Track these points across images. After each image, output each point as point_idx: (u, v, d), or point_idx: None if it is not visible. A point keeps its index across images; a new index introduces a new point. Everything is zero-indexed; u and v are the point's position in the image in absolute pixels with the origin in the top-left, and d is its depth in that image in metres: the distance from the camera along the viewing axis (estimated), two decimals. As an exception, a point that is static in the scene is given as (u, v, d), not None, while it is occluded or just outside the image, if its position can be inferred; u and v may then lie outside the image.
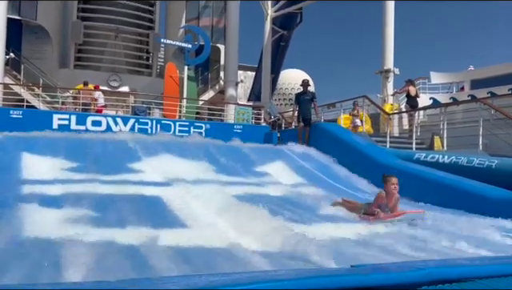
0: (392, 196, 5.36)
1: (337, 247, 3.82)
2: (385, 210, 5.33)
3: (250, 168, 8.88)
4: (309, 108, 11.23)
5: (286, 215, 5.42)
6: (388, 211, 5.33)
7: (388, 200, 5.36)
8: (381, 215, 5.19)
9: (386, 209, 5.35)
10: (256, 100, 19.29)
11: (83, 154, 8.17)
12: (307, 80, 11.90)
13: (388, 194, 5.36)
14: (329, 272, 2.37)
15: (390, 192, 5.35)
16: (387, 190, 5.38)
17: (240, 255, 3.54)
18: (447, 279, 2.12)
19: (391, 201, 5.37)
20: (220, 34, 21.16)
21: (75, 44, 19.89)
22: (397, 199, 5.42)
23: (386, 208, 5.35)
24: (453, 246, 4.10)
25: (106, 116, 12.34)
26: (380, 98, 16.08)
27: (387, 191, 5.37)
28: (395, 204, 5.40)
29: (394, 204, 5.39)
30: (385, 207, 5.35)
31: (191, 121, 13.56)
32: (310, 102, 11.24)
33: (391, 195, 5.36)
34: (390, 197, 5.36)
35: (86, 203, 5.37)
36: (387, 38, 16.24)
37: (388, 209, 5.35)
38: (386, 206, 5.36)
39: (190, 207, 5.45)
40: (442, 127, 10.04)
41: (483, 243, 4.30)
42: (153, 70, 21.34)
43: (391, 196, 5.36)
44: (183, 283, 1.84)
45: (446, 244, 4.16)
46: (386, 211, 5.33)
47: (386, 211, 5.32)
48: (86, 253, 3.39)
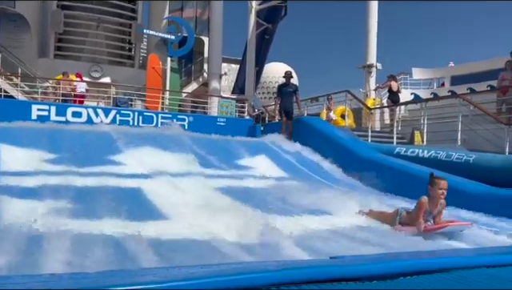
0: (437, 202, 4.51)
1: (317, 238, 3.86)
2: (427, 219, 4.51)
3: (233, 161, 8.88)
4: (291, 101, 11.06)
5: (268, 207, 5.44)
6: (431, 221, 4.53)
7: (432, 207, 4.49)
8: (421, 228, 4.32)
9: (429, 217, 4.52)
10: (240, 93, 19.22)
11: (63, 145, 8.04)
12: (290, 72, 11.73)
13: (433, 199, 4.48)
14: (308, 264, 2.40)
15: (435, 197, 4.47)
16: (433, 194, 4.48)
17: (220, 247, 3.55)
18: (422, 270, 2.16)
19: (435, 208, 4.51)
20: (204, 26, 20.98)
21: (55, 33, 19.45)
22: (442, 206, 4.59)
23: (428, 216, 4.52)
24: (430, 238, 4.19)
25: (87, 107, 12.15)
26: (363, 92, 16.23)
27: (433, 196, 4.48)
28: (440, 212, 4.57)
29: (439, 212, 4.56)
30: (428, 215, 4.52)
31: (174, 113, 13.46)
32: (293, 94, 11.07)
33: (436, 201, 4.49)
34: (435, 203, 4.50)
35: (66, 194, 5.30)
36: (370, 34, 16.37)
37: (431, 217, 4.54)
38: (429, 214, 4.52)
39: (171, 200, 5.43)
40: (423, 122, 10.20)
41: (459, 236, 4.41)
42: (135, 61, 21.06)
43: (436, 203, 4.50)
44: (162, 275, 1.83)
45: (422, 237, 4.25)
46: (429, 219, 4.52)
47: (429, 221, 4.51)
48: (64, 245, 3.35)
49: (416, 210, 4.51)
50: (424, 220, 4.41)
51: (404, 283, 2.02)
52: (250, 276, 1.85)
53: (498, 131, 8.57)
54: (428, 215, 4.50)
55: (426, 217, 4.48)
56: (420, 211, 4.43)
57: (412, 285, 1.99)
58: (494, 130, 8.69)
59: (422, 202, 4.43)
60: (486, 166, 7.03)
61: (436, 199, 4.47)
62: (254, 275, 1.86)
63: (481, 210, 5.91)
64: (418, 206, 4.48)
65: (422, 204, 4.42)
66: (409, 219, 4.56)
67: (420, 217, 4.39)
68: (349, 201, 6.04)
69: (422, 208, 4.42)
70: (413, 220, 4.48)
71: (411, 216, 4.54)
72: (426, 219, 4.46)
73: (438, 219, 4.54)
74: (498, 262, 2.48)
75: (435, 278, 2.11)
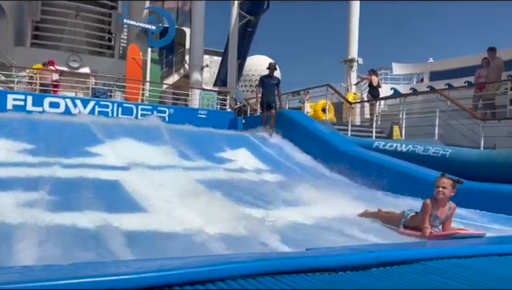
0: (443, 205, 4.07)
1: (295, 231, 3.90)
2: (435, 223, 4.09)
3: (213, 154, 8.85)
4: (273, 93, 10.95)
5: (247, 200, 5.46)
6: (439, 226, 4.11)
7: (438, 210, 4.07)
8: (427, 233, 3.91)
9: (436, 222, 4.09)
10: (222, 85, 19.12)
11: (40, 136, 7.88)
12: (274, 64, 11.54)
13: (436, 201, 4.07)
14: (283, 255, 2.42)
15: (437, 199, 4.07)
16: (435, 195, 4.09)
17: (198, 239, 3.55)
18: (395, 261, 2.21)
19: (442, 212, 4.07)
20: (185, 17, 20.75)
21: (32, 21, 18.97)
22: (451, 209, 4.11)
23: (435, 221, 4.08)
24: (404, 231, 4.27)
25: (65, 98, 11.92)
26: (344, 87, 16.35)
27: (436, 198, 4.08)
28: (449, 216, 4.11)
29: (448, 216, 4.11)
30: (435, 219, 4.08)
31: (154, 105, 13.33)
32: (275, 87, 10.95)
33: (440, 202, 4.06)
34: (441, 206, 4.07)
35: (42, 186, 5.21)
36: (352, 28, 16.48)
37: (439, 222, 4.10)
38: (436, 218, 4.08)
39: (150, 192, 5.39)
40: (401, 117, 10.36)
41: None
42: (115, 51, 20.72)
43: (441, 204, 4.07)
44: (136, 267, 1.82)
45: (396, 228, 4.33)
46: (436, 225, 4.10)
47: (436, 226, 4.10)
48: (39, 236, 3.30)
49: (420, 213, 4.14)
50: (430, 225, 4.02)
51: (376, 273, 2.06)
52: (225, 267, 1.85)
53: (473, 127, 8.78)
54: (435, 219, 4.07)
55: (433, 221, 4.06)
56: (424, 214, 4.04)
57: (384, 276, 2.03)
58: (470, 126, 8.90)
59: (426, 204, 4.06)
60: (461, 160, 7.20)
61: (438, 199, 4.05)
62: (229, 266, 1.87)
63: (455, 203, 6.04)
64: (422, 208, 4.11)
65: (426, 206, 4.05)
66: (414, 223, 4.20)
67: (425, 221, 4.00)
68: (328, 194, 6.11)
69: (425, 211, 4.04)
70: (418, 224, 4.10)
71: (416, 219, 4.17)
72: (432, 225, 4.05)
73: (448, 225, 4.10)
74: (469, 253, 2.56)
75: (406, 269, 2.16)
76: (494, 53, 10.59)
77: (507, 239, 3.49)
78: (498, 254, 2.59)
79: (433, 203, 4.05)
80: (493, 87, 10.32)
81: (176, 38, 18.77)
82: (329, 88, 12.76)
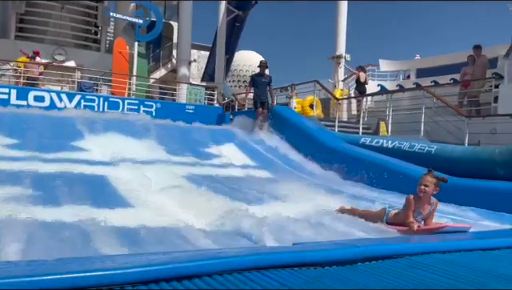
0: (425, 201, 4.12)
1: (282, 226, 3.91)
2: (417, 219, 4.10)
3: (201, 149, 8.83)
4: (266, 91, 10.73)
5: (235, 195, 5.46)
6: (421, 222, 4.13)
7: (421, 206, 4.11)
8: (414, 228, 3.91)
9: (418, 218, 4.11)
10: (210, 80, 19.02)
11: (24, 130, 7.76)
12: (266, 62, 11.30)
13: (419, 198, 4.11)
14: (270, 250, 2.43)
15: (419, 195, 4.10)
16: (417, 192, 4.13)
17: (185, 234, 3.54)
18: (380, 256, 2.24)
19: (425, 208, 4.12)
20: (173, 11, 20.55)
21: (16, 14, 18.60)
22: (433, 205, 4.18)
23: (418, 216, 4.12)
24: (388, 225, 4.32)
25: (50, 92, 11.74)
26: (331, 83, 16.40)
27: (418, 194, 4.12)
28: (431, 212, 4.16)
29: (430, 212, 4.15)
30: (418, 214, 4.12)
31: (141, 99, 13.20)
32: (267, 85, 10.75)
33: (423, 199, 4.10)
34: (423, 202, 4.11)
35: (26, 181, 5.15)
36: (340, 25, 16.51)
37: (421, 218, 4.14)
38: (419, 213, 4.12)
39: (137, 187, 5.36)
40: (388, 113, 10.44)
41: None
42: (101, 45, 20.43)
43: (423, 201, 4.11)
44: (122, 262, 1.82)
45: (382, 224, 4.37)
46: (419, 220, 4.11)
47: (419, 221, 4.10)
48: (23, 232, 3.25)
49: (404, 209, 4.18)
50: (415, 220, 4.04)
51: (362, 268, 2.08)
52: (212, 262, 1.86)
53: (458, 123, 8.89)
54: (417, 214, 4.11)
55: (416, 217, 4.09)
56: (408, 210, 4.08)
57: (370, 270, 2.05)
58: (456, 123, 9.01)
59: (409, 200, 4.10)
60: (446, 157, 7.29)
61: (421, 197, 4.08)
62: (216, 261, 1.88)
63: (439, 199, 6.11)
64: (406, 204, 4.16)
65: (409, 202, 4.09)
66: (397, 219, 4.22)
67: (409, 217, 4.04)
68: (315, 189, 6.15)
69: (409, 207, 4.08)
70: (401, 220, 4.13)
71: (399, 216, 4.21)
72: (416, 219, 4.07)
73: (430, 220, 4.15)
74: (453, 247, 2.60)
75: (392, 263, 2.18)
76: (480, 51, 10.73)
77: (490, 235, 3.56)
78: (481, 249, 2.64)
79: (416, 199, 4.10)
80: (478, 85, 10.47)
81: (163, 32, 18.59)
82: (316, 84, 12.79)
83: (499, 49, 11.61)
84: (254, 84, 10.80)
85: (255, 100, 10.74)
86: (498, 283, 1.91)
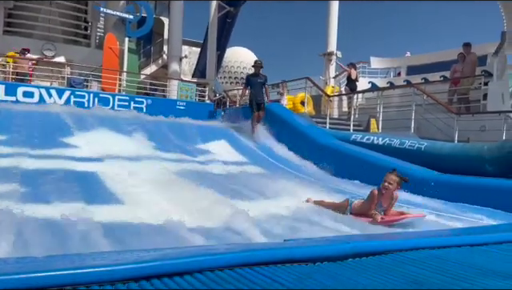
0: (386, 196, 4.55)
1: (273, 222, 3.92)
2: (378, 210, 4.53)
3: (192, 146, 8.81)
4: (262, 92, 10.45)
5: (226, 192, 5.46)
6: (381, 212, 4.54)
7: (383, 200, 4.54)
8: (378, 219, 4.35)
9: (379, 209, 4.54)
10: (201, 77, 18.94)
11: (12, 126, 7.68)
12: (261, 61, 10.88)
13: (382, 193, 4.52)
14: (262, 246, 2.43)
15: (382, 191, 4.53)
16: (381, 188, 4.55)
17: (176, 231, 3.54)
18: (370, 252, 2.25)
19: (386, 201, 4.56)
20: (164, 7, 20.41)
21: (5, 8, 18.33)
22: (394, 199, 4.62)
23: (379, 208, 4.54)
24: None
25: (39, 87, 11.62)
26: (322, 80, 16.43)
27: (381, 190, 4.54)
28: (390, 205, 4.61)
29: (389, 205, 4.60)
30: (379, 206, 4.55)
31: (131, 96, 13.12)
32: (263, 85, 10.46)
33: (385, 194, 4.54)
34: (386, 196, 4.54)
35: (14, 177, 5.09)
36: (331, 22, 16.53)
37: (382, 209, 4.56)
38: (380, 206, 4.55)
39: (127, 184, 5.33)
40: (379, 110, 10.50)
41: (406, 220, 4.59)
42: (91, 40, 20.22)
43: (386, 196, 4.54)
44: (113, 259, 1.80)
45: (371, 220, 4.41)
46: (379, 211, 4.54)
47: (380, 212, 4.53)
48: (11, 229, 3.23)
49: (367, 201, 4.57)
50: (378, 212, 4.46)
51: (352, 264, 2.09)
52: (203, 259, 1.85)
53: (448, 120, 8.97)
54: (379, 206, 4.52)
55: (377, 209, 4.49)
56: (371, 203, 4.49)
57: (360, 266, 2.07)
58: (445, 120, 9.09)
59: (373, 193, 4.50)
60: (436, 153, 7.36)
61: (384, 192, 4.49)
62: (207, 257, 1.87)
63: (429, 195, 6.20)
64: (370, 197, 4.55)
65: (373, 196, 4.49)
66: (360, 210, 4.60)
67: (372, 209, 4.46)
68: (305, 186, 6.16)
69: (372, 200, 4.48)
70: (365, 211, 4.54)
71: (363, 207, 4.59)
72: (377, 211, 4.47)
73: (389, 211, 4.58)
74: (442, 243, 2.62)
75: (382, 259, 2.20)
76: (469, 48, 10.82)
77: (478, 230, 3.60)
78: (469, 244, 2.67)
79: (379, 193, 4.51)
80: (467, 82, 10.56)
81: (154, 27, 18.47)
82: (308, 81, 12.81)
83: (488, 47, 11.72)
84: (249, 84, 10.54)
85: (251, 101, 10.44)
86: (486, 278, 1.94)
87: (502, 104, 9.33)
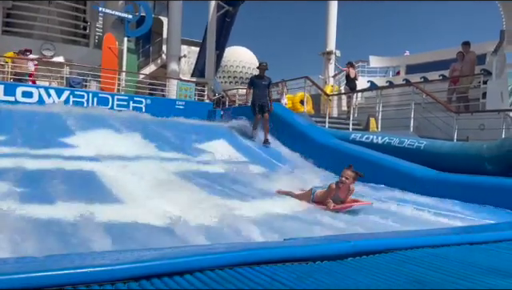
0: (344, 189, 5.12)
1: (273, 222, 3.93)
2: (336, 201, 5.09)
3: (192, 145, 8.80)
4: (265, 94, 9.98)
5: (225, 191, 5.46)
6: (339, 202, 5.10)
7: (340, 192, 5.12)
8: (331, 207, 4.97)
9: (337, 201, 5.10)
10: (200, 76, 18.93)
11: (11, 126, 7.66)
12: (266, 63, 10.38)
13: (339, 187, 5.10)
14: (262, 245, 2.43)
15: (339, 184, 5.11)
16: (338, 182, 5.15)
17: (176, 230, 3.53)
18: (370, 251, 2.25)
19: (343, 193, 5.13)
20: (163, 6, 20.40)
21: (3, 8, 18.31)
22: (350, 191, 5.18)
23: (337, 200, 5.12)
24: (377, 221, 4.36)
25: (38, 87, 11.60)
26: (321, 79, 16.42)
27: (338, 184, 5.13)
28: (347, 196, 5.17)
29: (346, 196, 5.16)
30: (337, 198, 5.12)
31: (131, 95, 13.11)
32: (267, 87, 10.03)
33: (342, 187, 5.11)
34: (342, 189, 5.11)
35: (13, 177, 5.08)
36: (330, 21, 16.53)
37: (340, 200, 5.12)
38: (337, 197, 5.12)
39: (127, 183, 5.33)
40: (378, 110, 10.50)
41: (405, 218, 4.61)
42: (90, 40, 20.19)
43: (343, 189, 5.12)
44: (113, 258, 1.80)
45: (372, 219, 4.41)
46: (337, 202, 5.08)
47: (338, 203, 5.07)
48: (11, 229, 3.22)
49: (326, 192, 5.20)
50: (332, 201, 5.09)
51: (352, 263, 2.09)
52: (203, 258, 1.85)
53: (447, 119, 8.98)
54: (336, 198, 5.13)
55: (335, 200, 5.11)
56: (329, 194, 5.15)
57: (360, 265, 2.07)
58: (445, 118, 9.10)
59: (331, 186, 5.16)
60: (435, 152, 7.36)
61: (342, 185, 5.12)
62: (207, 256, 1.87)
63: (427, 193, 6.21)
64: (328, 189, 5.18)
65: (331, 188, 5.15)
66: (320, 199, 5.24)
67: (328, 198, 5.11)
68: (305, 185, 6.16)
69: (330, 191, 5.14)
70: (323, 199, 5.17)
71: (323, 196, 5.23)
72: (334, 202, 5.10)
73: (346, 201, 5.17)
74: (442, 242, 2.63)
75: (382, 258, 2.20)
76: (468, 47, 10.82)
77: (477, 229, 3.60)
78: (468, 243, 2.67)
79: (337, 187, 5.11)
80: (466, 81, 10.56)
81: (153, 27, 18.45)
82: (307, 80, 12.80)
83: (487, 45, 11.71)
84: (253, 85, 10.15)
85: (253, 104, 10.04)
86: (485, 276, 1.94)
87: (501, 103, 9.33)
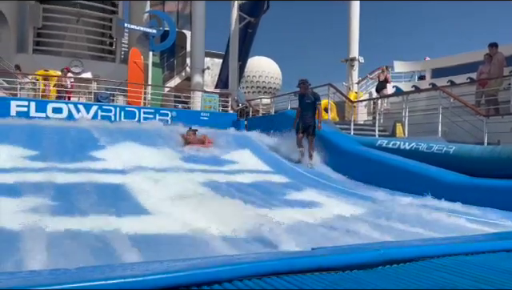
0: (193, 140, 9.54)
1: (300, 230, 3.89)
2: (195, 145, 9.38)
3: (217, 155, 8.86)
4: (310, 114, 9.13)
5: (251, 200, 5.46)
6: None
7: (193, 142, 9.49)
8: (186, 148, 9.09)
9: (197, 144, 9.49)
10: (223, 87, 19.13)
11: (43, 142, 7.91)
12: (305, 80, 9.41)
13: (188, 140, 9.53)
14: (290, 255, 2.41)
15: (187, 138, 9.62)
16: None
17: (203, 240, 3.55)
18: (402, 259, 2.20)
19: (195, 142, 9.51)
20: (186, 20, 20.79)
21: (34, 28, 19.05)
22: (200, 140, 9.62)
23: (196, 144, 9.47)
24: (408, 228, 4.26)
25: (68, 103, 11.96)
26: (345, 86, 16.32)
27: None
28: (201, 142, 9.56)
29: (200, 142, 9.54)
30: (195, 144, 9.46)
31: (156, 108, 13.35)
32: (312, 105, 9.15)
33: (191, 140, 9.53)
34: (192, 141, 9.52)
35: (46, 191, 5.23)
36: (352, 27, 16.46)
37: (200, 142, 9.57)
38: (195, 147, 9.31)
39: (154, 195, 5.40)
40: (404, 115, 10.33)
41: (437, 225, 4.49)
42: (116, 55, 20.75)
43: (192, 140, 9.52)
44: (142, 269, 1.83)
45: (402, 227, 4.31)
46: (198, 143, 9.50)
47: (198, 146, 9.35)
48: (44, 241, 3.31)
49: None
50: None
51: (383, 272, 2.05)
52: (232, 268, 1.85)
53: (477, 123, 8.74)
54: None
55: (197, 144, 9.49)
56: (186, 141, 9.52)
57: (391, 274, 2.02)
58: (474, 122, 8.86)
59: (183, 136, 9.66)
60: (465, 157, 7.16)
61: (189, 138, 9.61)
62: (235, 266, 1.87)
63: (460, 199, 6.03)
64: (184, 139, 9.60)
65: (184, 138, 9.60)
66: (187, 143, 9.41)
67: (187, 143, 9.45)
68: (331, 193, 6.10)
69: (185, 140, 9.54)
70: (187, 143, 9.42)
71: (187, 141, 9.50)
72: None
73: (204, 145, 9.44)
74: (477, 249, 2.54)
75: (413, 266, 2.15)
76: (496, 48, 10.54)
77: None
78: (506, 250, 2.57)
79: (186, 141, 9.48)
80: (495, 83, 10.27)
81: (177, 41, 18.81)
82: (330, 87, 12.73)
83: (517, 46, 11.40)
84: (299, 104, 9.42)
85: (297, 125, 9.23)
86: (524, 284, 1.87)
87: (533, 104, 9.02)
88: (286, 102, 13.89)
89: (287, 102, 13.53)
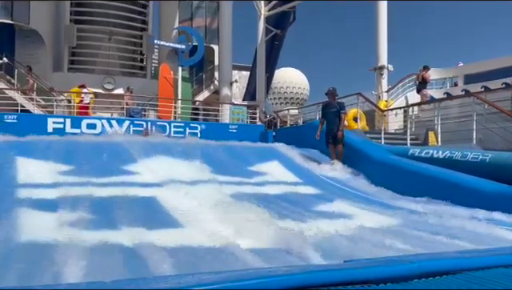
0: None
1: (331, 243, 3.85)
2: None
3: (246, 167, 8.88)
4: (336, 122, 9.27)
5: (281, 212, 5.44)
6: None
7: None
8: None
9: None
10: (251, 99, 19.29)
11: (78, 157, 8.15)
12: (333, 89, 9.60)
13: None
14: (321, 268, 2.39)
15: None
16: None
17: (234, 253, 3.57)
18: (438, 272, 2.14)
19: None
20: (213, 35, 21.15)
21: (69, 47, 19.83)
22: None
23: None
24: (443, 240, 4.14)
25: (101, 119, 12.33)
26: (375, 95, 16.13)
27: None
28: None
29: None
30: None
31: (186, 122, 13.57)
32: (337, 114, 9.29)
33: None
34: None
35: (82, 205, 5.37)
36: (380, 35, 16.30)
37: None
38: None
39: (186, 207, 5.46)
40: (436, 123, 10.10)
41: (475, 236, 4.35)
42: (147, 71, 21.30)
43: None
44: (175, 282, 1.85)
45: (438, 238, 4.19)
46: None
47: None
48: (81, 255, 3.41)
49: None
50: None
51: (418, 285, 2.00)
52: (263, 281, 1.85)
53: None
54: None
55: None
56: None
57: (427, 287, 1.97)
58: (510, 128, 8.56)
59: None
60: (503, 164, 6.91)
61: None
62: (267, 279, 1.87)
63: (499, 209, 5.81)
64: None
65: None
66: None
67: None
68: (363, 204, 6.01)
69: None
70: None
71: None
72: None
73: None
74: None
75: (450, 279, 2.09)
76: (531, 52, 10.21)
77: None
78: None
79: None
80: (532, 87, 9.93)
81: (205, 55, 19.14)
82: (359, 97, 12.62)
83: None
84: (323, 115, 9.61)
85: (326, 134, 9.45)
86: None
87: None
88: (313, 113, 13.86)
89: (315, 112, 13.49)
